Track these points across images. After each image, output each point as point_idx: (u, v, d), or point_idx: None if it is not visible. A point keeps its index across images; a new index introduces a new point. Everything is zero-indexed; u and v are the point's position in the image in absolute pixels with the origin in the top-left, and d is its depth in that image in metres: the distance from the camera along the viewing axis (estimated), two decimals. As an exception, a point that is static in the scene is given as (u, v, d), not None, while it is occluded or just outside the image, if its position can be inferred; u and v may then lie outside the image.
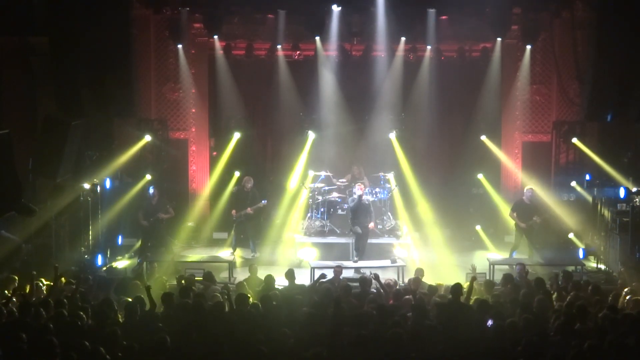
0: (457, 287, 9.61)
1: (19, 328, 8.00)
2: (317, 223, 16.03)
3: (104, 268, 14.32)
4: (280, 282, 11.37)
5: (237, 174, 16.66)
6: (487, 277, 12.76)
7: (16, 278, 10.64)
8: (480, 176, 16.91)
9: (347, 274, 12.95)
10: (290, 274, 11.38)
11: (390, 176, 16.54)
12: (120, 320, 8.98)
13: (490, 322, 8.37)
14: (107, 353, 7.32)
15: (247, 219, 15.56)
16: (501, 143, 17.29)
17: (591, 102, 15.53)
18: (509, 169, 17.26)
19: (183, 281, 11.24)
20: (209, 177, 17.29)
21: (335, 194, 16.37)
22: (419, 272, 11.86)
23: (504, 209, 16.12)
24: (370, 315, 8.88)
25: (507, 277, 11.21)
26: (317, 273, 12.15)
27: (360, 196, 14.63)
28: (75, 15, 14.12)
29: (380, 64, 17.24)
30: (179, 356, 7.63)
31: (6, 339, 7.73)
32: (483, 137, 17.16)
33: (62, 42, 14.26)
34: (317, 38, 16.75)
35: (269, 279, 10.92)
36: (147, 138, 16.28)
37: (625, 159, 15.77)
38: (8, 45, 14.69)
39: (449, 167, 17.65)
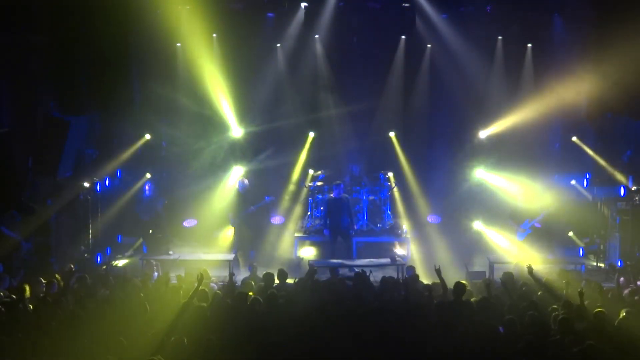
0: (460, 285, 9.60)
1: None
2: (317, 222, 16.03)
3: (104, 267, 14.32)
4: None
5: (237, 172, 16.67)
6: (487, 276, 12.77)
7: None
8: (479, 174, 16.91)
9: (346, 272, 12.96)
10: (282, 274, 11.32)
11: (390, 175, 16.55)
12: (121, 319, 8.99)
13: (501, 329, 8.32)
14: (107, 352, 7.33)
15: (248, 218, 15.52)
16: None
17: (591, 101, 15.54)
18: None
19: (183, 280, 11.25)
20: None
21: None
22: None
23: (503, 207, 16.14)
24: (370, 313, 8.88)
25: (507, 276, 11.20)
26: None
27: (338, 192, 14.42)
28: (74, 13, 14.11)
29: (380, 62, 17.23)
30: (180, 356, 7.64)
31: None
32: (483, 136, 17.15)
33: (62, 40, 14.26)
34: (317, 36, 16.76)
35: (269, 277, 10.92)
36: (147, 136, 16.27)
37: (624, 157, 15.78)
38: (7, 43, 14.67)
39: (449, 166, 17.64)
